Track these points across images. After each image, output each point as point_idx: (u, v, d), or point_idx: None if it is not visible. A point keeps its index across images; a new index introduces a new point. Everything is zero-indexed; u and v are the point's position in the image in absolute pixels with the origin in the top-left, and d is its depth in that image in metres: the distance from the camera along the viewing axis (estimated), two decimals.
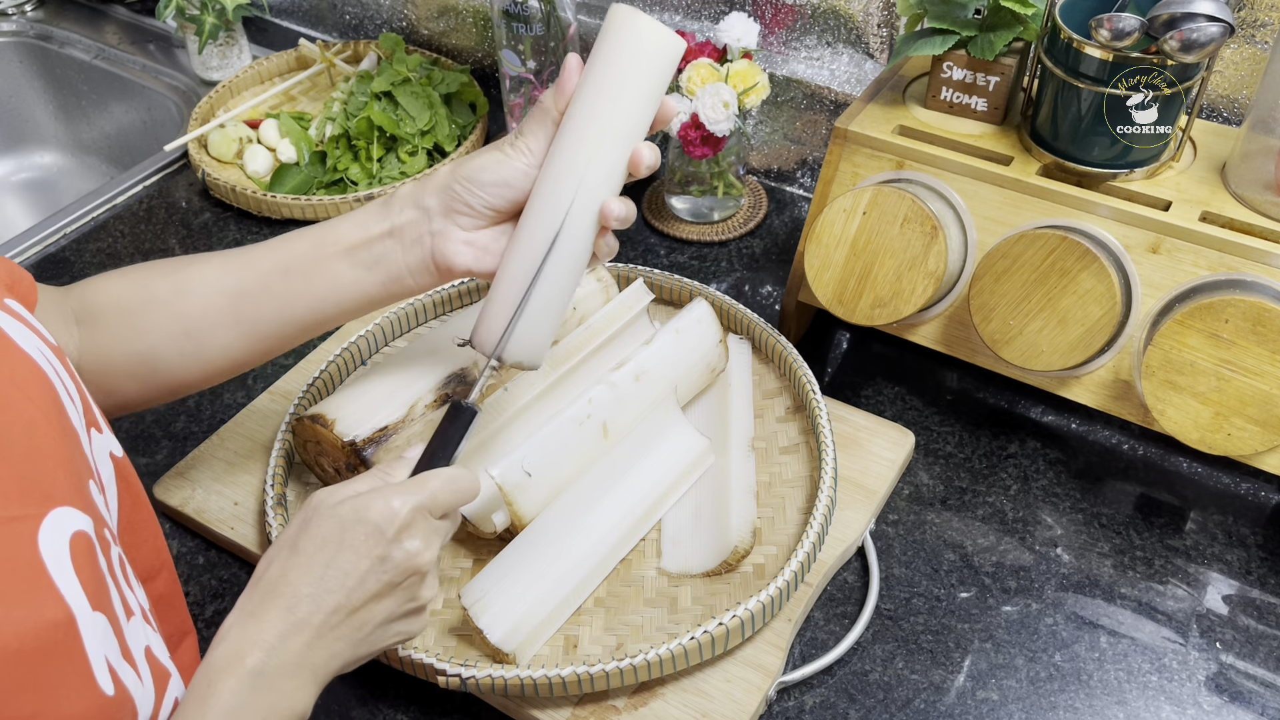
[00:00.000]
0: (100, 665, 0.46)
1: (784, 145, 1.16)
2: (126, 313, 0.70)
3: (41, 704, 0.43)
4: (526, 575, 0.74)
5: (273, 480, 0.83)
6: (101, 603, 0.48)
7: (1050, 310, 0.78)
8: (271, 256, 0.72)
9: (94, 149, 1.54)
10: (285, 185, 1.19)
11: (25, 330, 0.54)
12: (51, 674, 0.44)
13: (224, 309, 0.71)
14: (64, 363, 0.56)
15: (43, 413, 0.51)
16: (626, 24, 0.66)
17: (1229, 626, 0.77)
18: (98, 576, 0.48)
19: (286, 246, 0.72)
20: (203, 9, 1.30)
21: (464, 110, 1.26)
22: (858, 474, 0.85)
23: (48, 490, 0.48)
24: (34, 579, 0.44)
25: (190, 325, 0.71)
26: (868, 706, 0.73)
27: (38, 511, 0.46)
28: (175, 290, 0.71)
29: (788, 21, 1.10)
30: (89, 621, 0.46)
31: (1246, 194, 0.78)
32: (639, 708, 0.71)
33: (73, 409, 0.54)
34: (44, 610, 0.44)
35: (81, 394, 0.57)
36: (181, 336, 0.71)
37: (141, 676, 0.51)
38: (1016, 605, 0.79)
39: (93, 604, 0.47)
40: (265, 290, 0.71)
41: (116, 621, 0.50)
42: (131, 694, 0.49)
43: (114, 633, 0.49)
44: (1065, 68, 0.78)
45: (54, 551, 0.46)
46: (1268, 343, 0.71)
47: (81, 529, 0.48)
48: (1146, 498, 0.86)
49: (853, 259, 0.83)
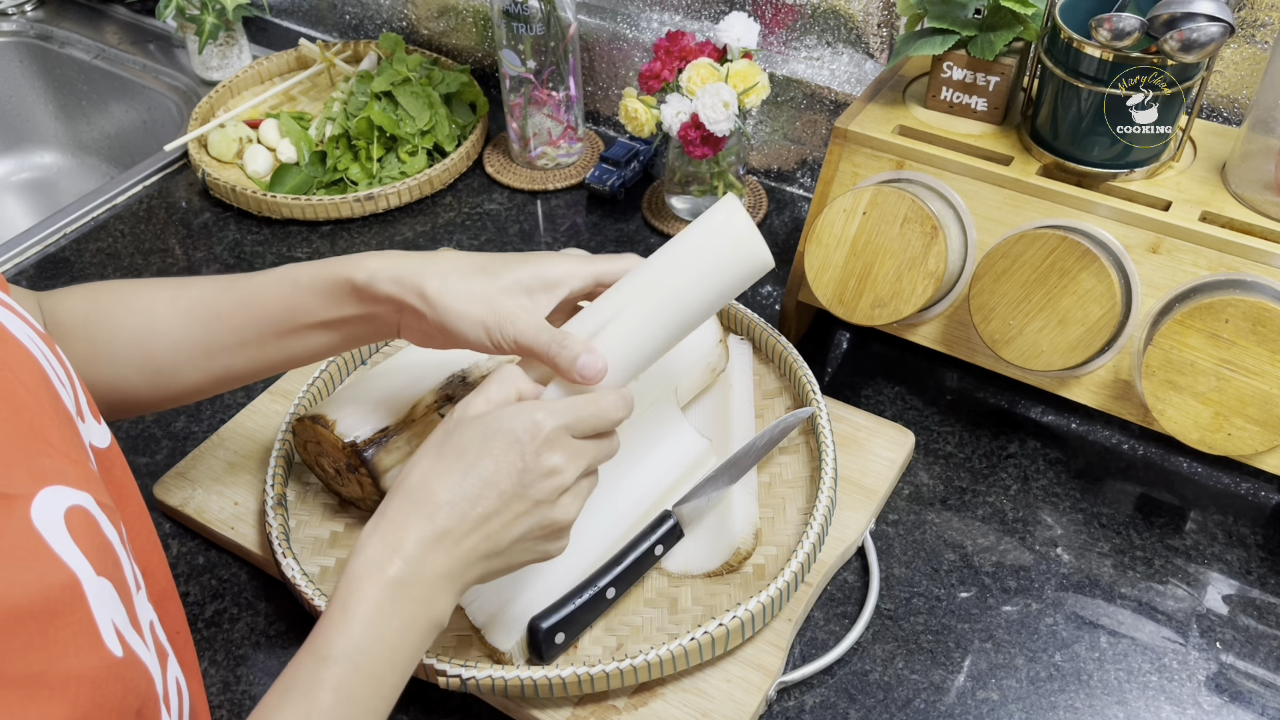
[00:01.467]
0: (108, 628, 0.47)
1: (784, 145, 1.16)
2: (95, 340, 0.71)
3: (49, 662, 0.44)
4: (524, 575, 0.74)
5: (273, 480, 0.83)
6: (107, 569, 0.48)
7: (1050, 310, 0.78)
8: (241, 315, 0.71)
9: (94, 149, 1.54)
10: (285, 185, 1.19)
11: (13, 317, 0.55)
12: (58, 633, 0.44)
13: (194, 356, 0.72)
14: (53, 350, 0.56)
15: (34, 396, 0.51)
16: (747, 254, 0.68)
17: (1229, 626, 0.77)
18: (102, 544, 0.49)
19: (257, 304, 0.71)
20: (203, 9, 1.30)
21: (464, 110, 1.26)
22: (858, 474, 0.85)
23: (39, 471, 0.48)
24: (33, 548, 0.45)
25: (159, 364, 0.72)
26: (868, 706, 0.73)
27: (29, 490, 0.47)
28: (143, 331, 0.71)
29: (788, 21, 1.10)
30: (94, 585, 0.47)
31: (1246, 194, 0.78)
32: (639, 708, 0.71)
33: (66, 394, 0.55)
34: (47, 574, 0.45)
35: (71, 380, 0.57)
36: (151, 372, 0.72)
37: (149, 646, 0.51)
38: (1016, 605, 0.79)
39: (97, 570, 0.47)
40: (237, 346, 0.72)
41: (126, 590, 0.50)
42: (143, 659, 0.49)
43: (121, 601, 0.49)
44: (1065, 68, 0.78)
45: (49, 524, 0.46)
46: (1268, 343, 0.71)
47: (78, 503, 0.49)
48: (1146, 498, 0.86)
49: (853, 259, 0.83)
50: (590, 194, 1.19)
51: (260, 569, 0.83)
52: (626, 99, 1.06)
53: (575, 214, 1.17)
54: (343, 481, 0.82)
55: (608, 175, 1.16)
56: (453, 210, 1.18)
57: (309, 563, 0.80)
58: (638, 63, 1.20)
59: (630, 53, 1.20)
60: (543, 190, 1.20)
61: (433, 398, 0.82)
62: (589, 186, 1.16)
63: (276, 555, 0.78)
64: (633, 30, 1.18)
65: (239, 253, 1.13)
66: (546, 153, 1.20)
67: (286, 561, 0.77)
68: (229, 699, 0.75)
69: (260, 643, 0.78)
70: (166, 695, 0.53)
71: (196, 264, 1.12)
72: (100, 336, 0.71)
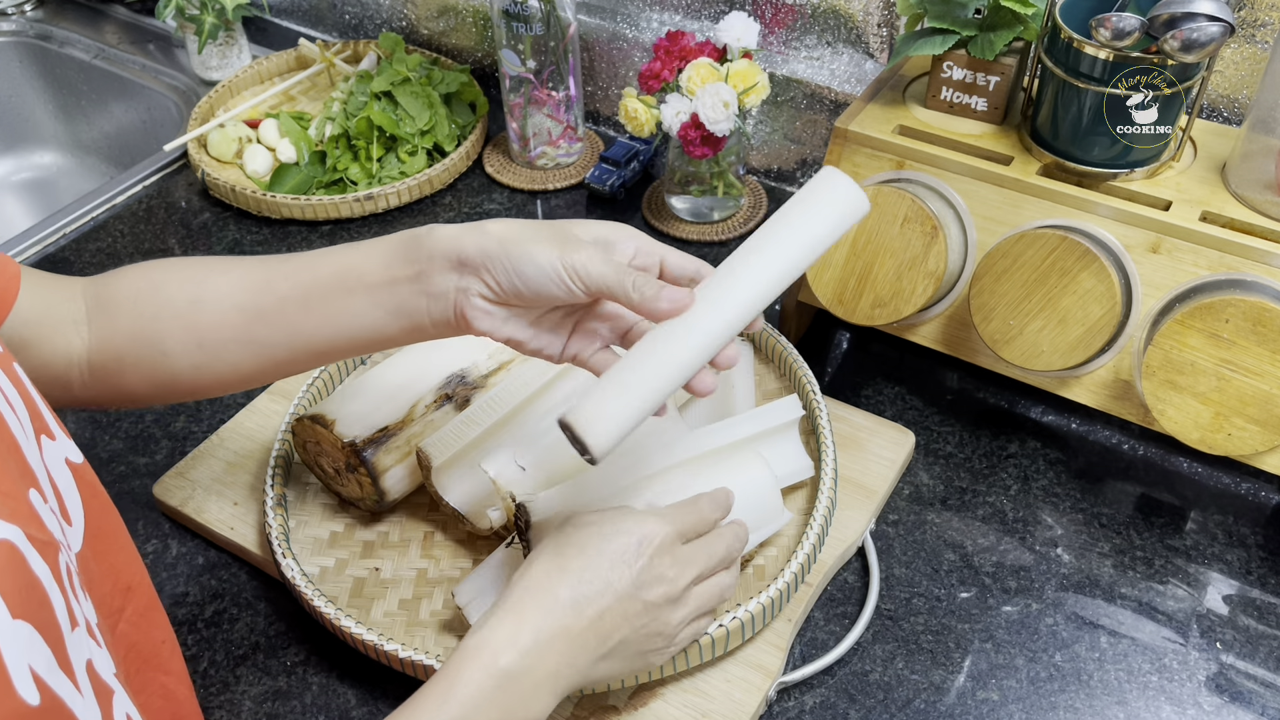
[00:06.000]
0: (21, 674, 0.45)
1: (784, 145, 1.16)
2: (143, 315, 0.69)
3: None
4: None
5: (272, 480, 0.83)
6: (29, 611, 0.46)
7: (1050, 310, 0.78)
8: (292, 281, 0.69)
9: (94, 149, 1.54)
10: (285, 185, 1.19)
11: None
12: None
13: (238, 326, 0.69)
14: (7, 368, 0.55)
15: None
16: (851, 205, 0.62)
17: (1229, 626, 0.77)
18: (25, 583, 0.47)
19: (309, 270, 0.69)
20: (203, 9, 1.30)
21: (464, 110, 1.26)
22: (858, 474, 0.85)
23: None
24: None
25: (204, 337, 0.69)
26: (868, 706, 0.73)
27: None
28: (192, 301, 0.69)
29: (788, 21, 1.10)
30: (7, 630, 0.45)
31: (1246, 194, 0.78)
32: (639, 708, 0.71)
33: (12, 417, 0.53)
34: None
35: (28, 400, 0.55)
36: (195, 347, 0.70)
37: (81, 690, 0.50)
38: (1016, 605, 0.79)
39: (13, 612, 0.45)
40: (282, 316, 0.69)
41: (55, 631, 0.48)
42: (68, 705, 0.48)
43: (47, 643, 0.47)
44: (1065, 68, 0.78)
45: None
46: (1268, 343, 0.71)
47: (4, 538, 0.47)
48: (1146, 498, 0.86)
49: (853, 259, 0.83)
50: (590, 194, 1.19)
51: (260, 569, 0.83)
52: (626, 99, 1.06)
53: (575, 214, 1.17)
54: (342, 481, 0.82)
55: (608, 175, 1.16)
56: (453, 210, 1.18)
57: (308, 563, 0.80)
58: (638, 63, 1.20)
59: (630, 53, 1.20)
60: (543, 190, 1.20)
61: (432, 397, 0.82)
62: (589, 186, 1.16)
63: (276, 555, 0.78)
64: (633, 30, 1.18)
65: (239, 252, 1.13)
66: (546, 153, 1.20)
67: (286, 562, 0.77)
68: (228, 699, 0.75)
69: (260, 643, 0.78)
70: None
71: None
72: (148, 310, 0.69)
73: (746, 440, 0.78)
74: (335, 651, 0.77)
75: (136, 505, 0.88)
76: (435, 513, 0.84)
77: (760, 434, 0.79)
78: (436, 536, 0.83)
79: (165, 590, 0.82)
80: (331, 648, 0.78)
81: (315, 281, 0.68)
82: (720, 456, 0.76)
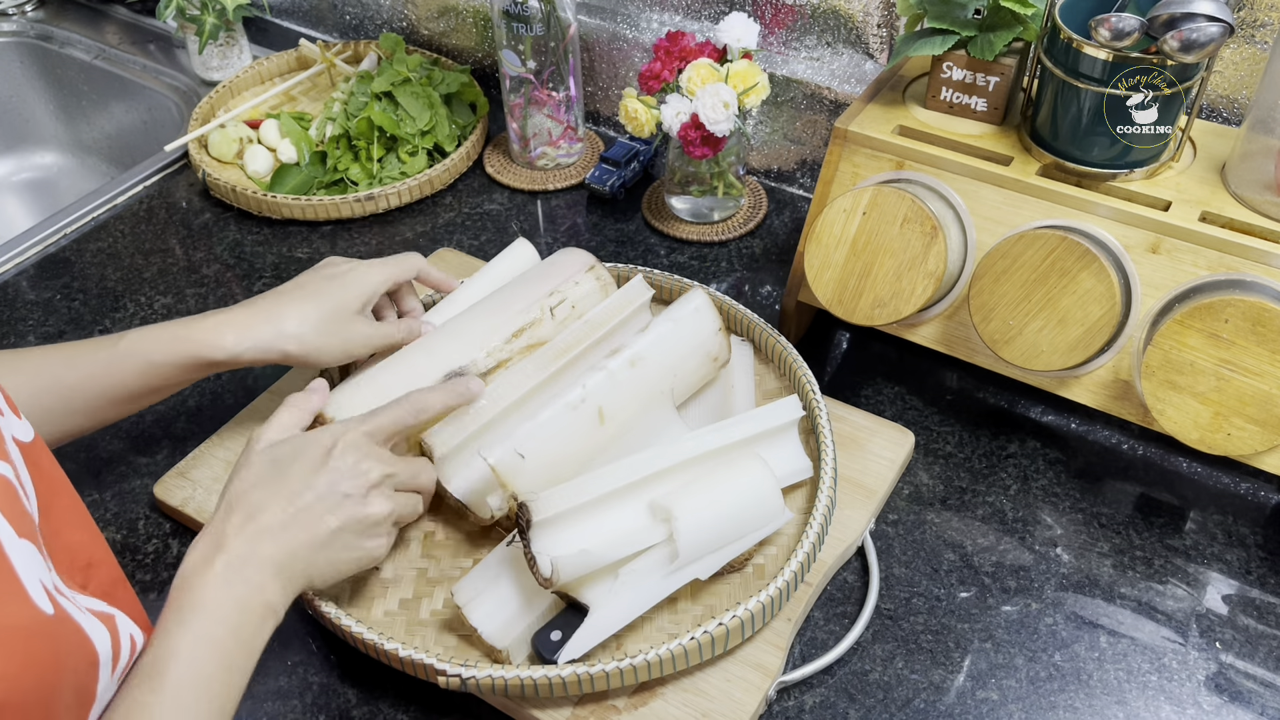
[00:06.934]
0: (35, 586, 0.48)
1: (784, 145, 1.16)
2: None
3: None
4: (520, 573, 0.74)
5: None
6: (27, 534, 0.49)
7: (1050, 310, 0.78)
8: (94, 386, 0.77)
9: (94, 149, 1.54)
10: (285, 185, 1.19)
11: None
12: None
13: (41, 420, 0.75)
14: None
15: None
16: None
17: (1229, 626, 0.77)
18: (19, 512, 0.50)
19: (109, 378, 0.77)
20: (203, 9, 1.30)
21: (464, 110, 1.26)
22: (858, 474, 0.85)
23: None
24: None
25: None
26: (868, 706, 0.73)
27: None
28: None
29: (788, 21, 1.10)
30: (15, 546, 0.47)
31: (1246, 194, 0.78)
32: (639, 707, 0.71)
33: None
34: None
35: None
36: None
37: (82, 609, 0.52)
38: (1016, 605, 0.79)
39: (18, 532, 0.48)
40: (87, 412, 0.78)
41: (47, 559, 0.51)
42: (78, 621, 0.50)
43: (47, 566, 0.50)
44: (1065, 68, 0.78)
45: None
46: (1268, 343, 0.71)
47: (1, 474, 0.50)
48: (1146, 498, 0.86)
49: (853, 259, 0.83)
50: (590, 194, 1.19)
51: None
52: (626, 99, 1.06)
53: (575, 214, 1.17)
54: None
55: (608, 175, 1.16)
56: (453, 210, 1.18)
57: None
58: (638, 63, 1.20)
59: (630, 53, 1.20)
60: (543, 190, 1.20)
61: None
62: (589, 187, 1.16)
63: None
64: (633, 30, 1.19)
65: (239, 253, 1.13)
66: (546, 153, 1.20)
67: None
68: None
69: None
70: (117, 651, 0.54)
71: (197, 264, 1.12)
72: None
73: (746, 440, 0.78)
74: (335, 651, 0.77)
75: (136, 505, 0.88)
76: (436, 512, 0.84)
77: (760, 434, 0.79)
78: (437, 536, 0.83)
79: (165, 590, 0.82)
80: (332, 647, 0.78)
81: (120, 388, 0.78)
82: (720, 456, 0.77)
